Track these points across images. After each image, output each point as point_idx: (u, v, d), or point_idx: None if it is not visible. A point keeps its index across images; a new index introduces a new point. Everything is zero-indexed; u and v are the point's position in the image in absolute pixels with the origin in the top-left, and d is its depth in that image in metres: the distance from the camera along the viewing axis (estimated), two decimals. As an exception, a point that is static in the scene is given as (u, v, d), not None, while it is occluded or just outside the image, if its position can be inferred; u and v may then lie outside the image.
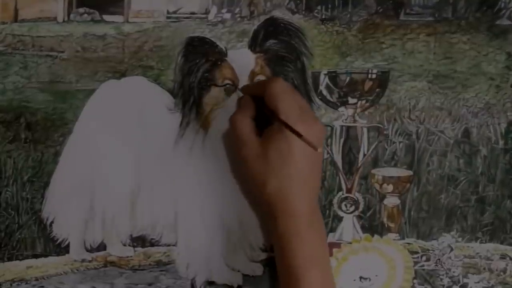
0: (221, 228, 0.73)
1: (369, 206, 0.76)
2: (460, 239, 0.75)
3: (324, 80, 0.74)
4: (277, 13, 0.74)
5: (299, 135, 0.60)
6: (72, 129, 0.74)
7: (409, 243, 0.75)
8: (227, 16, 0.75)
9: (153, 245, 0.75)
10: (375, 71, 0.75)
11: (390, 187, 0.76)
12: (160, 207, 0.73)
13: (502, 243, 0.76)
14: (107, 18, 0.76)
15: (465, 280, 0.75)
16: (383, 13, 0.75)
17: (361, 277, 0.74)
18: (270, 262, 0.74)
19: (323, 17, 0.75)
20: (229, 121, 0.66)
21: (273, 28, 0.72)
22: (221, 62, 0.72)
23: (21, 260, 0.75)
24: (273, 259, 0.65)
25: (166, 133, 0.73)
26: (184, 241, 0.74)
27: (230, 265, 0.75)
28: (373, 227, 0.76)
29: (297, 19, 0.74)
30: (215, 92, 0.72)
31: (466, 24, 0.75)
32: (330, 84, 0.74)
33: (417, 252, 0.75)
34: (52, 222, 0.75)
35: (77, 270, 0.75)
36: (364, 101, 0.75)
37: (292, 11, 0.75)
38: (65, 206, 0.74)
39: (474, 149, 0.76)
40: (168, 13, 0.76)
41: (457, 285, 0.75)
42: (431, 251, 0.75)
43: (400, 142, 0.76)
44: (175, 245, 0.74)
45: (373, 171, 0.76)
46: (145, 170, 0.73)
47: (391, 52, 0.75)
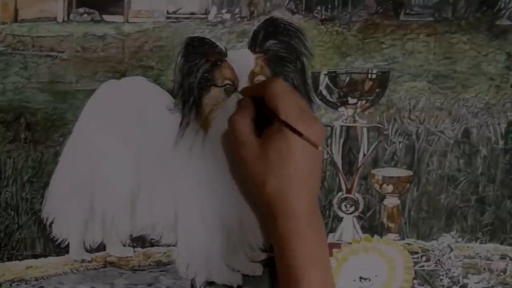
0: (221, 228, 0.73)
1: (369, 206, 0.76)
2: (460, 239, 0.75)
3: (324, 80, 0.74)
4: (277, 14, 0.74)
5: (300, 134, 0.60)
6: (72, 129, 0.74)
7: (409, 244, 0.75)
8: (227, 16, 0.75)
9: (153, 245, 0.75)
10: (375, 71, 0.75)
11: (390, 187, 0.76)
12: (160, 207, 0.73)
13: (502, 243, 0.76)
14: (107, 18, 0.76)
15: (465, 281, 0.75)
16: (383, 13, 0.75)
17: (361, 278, 0.74)
18: (270, 262, 0.74)
19: (323, 17, 0.75)
20: (228, 122, 0.65)
21: (273, 29, 0.72)
22: (221, 62, 0.72)
23: (20, 260, 0.75)
24: (273, 259, 0.65)
25: (166, 133, 0.73)
26: (184, 241, 0.74)
27: (230, 265, 0.74)
28: (373, 227, 0.76)
29: (297, 20, 0.74)
30: (215, 93, 0.72)
31: (466, 24, 0.75)
32: (330, 84, 0.74)
33: (417, 253, 0.75)
34: (52, 222, 0.75)
35: (76, 270, 0.75)
36: (364, 101, 0.75)
37: (292, 11, 0.75)
38: (65, 206, 0.74)
39: (474, 149, 0.75)
40: (168, 13, 0.76)
41: (457, 285, 0.75)
42: (431, 252, 0.75)
43: (400, 142, 0.76)
44: (175, 245, 0.74)
45: (373, 171, 0.76)
46: (145, 170, 0.73)
47: (391, 52, 0.75)
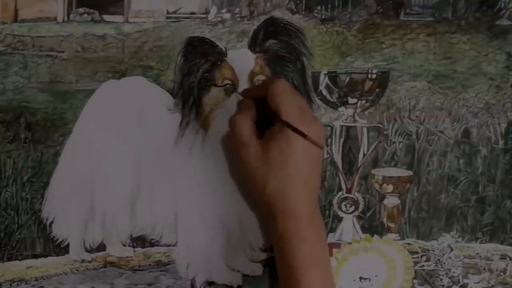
0: (221, 228, 0.73)
1: (369, 206, 0.76)
2: (460, 239, 0.75)
3: (324, 80, 0.74)
4: (277, 13, 0.74)
5: (303, 134, 0.60)
6: (72, 129, 0.74)
7: (409, 243, 0.75)
8: (227, 16, 0.75)
9: (153, 245, 0.75)
10: (375, 71, 0.75)
11: (390, 187, 0.76)
12: (160, 207, 0.73)
13: (502, 243, 0.76)
14: (107, 18, 0.76)
15: (465, 281, 0.75)
16: (383, 13, 0.75)
17: (361, 277, 0.74)
18: (270, 262, 0.74)
19: (323, 17, 0.75)
20: (229, 122, 0.65)
21: (273, 28, 0.72)
22: (221, 62, 0.72)
23: (20, 260, 0.75)
24: (273, 259, 0.65)
25: (166, 133, 0.73)
26: (184, 241, 0.74)
27: (230, 265, 0.74)
28: (373, 227, 0.76)
29: (297, 19, 0.74)
30: (215, 92, 0.72)
31: (466, 24, 0.75)
32: (330, 84, 0.74)
33: (417, 252, 0.75)
34: (51, 222, 0.75)
35: (76, 270, 0.75)
36: (364, 101, 0.75)
37: (292, 11, 0.75)
38: (65, 206, 0.74)
39: (474, 149, 0.75)
40: (168, 13, 0.76)
41: (457, 285, 0.75)
42: (431, 251, 0.75)
43: (400, 142, 0.76)
44: (175, 245, 0.74)
45: (373, 171, 0.76)
46: (145, 170, 0.73)
47: (391, 52, 0.75)
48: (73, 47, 0.75)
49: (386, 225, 0.76)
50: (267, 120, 0.64)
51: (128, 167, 0.73)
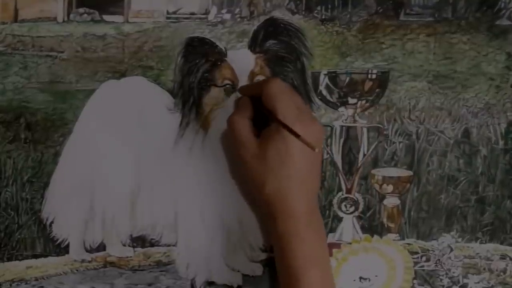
0: (221, 228, 0.73)
1: (369, 206, 0.76)
2: (460, 239, 0.75)
3: (324, 80, 0.74)
4: (277, 14, 0.74)
5: (297, 135, 0.60)
6: (72, 129, 0.74)
7: (409, 244, 0.75)
8: (227, 16, 0.75)
9: (153, 245, 0.75)
10: (375, 71, 0.75)
11: (390, 187, 0.76)
12: (160, 207, 0.73)
13: (502, 243, 0.76)
14: (107, 18, 0.76)
15: (465, 281, 0.75)
16: (383, 13, 0.75)
17: (361, 278, 0.74)
18: (270, 262, 0.74)
19: (323, 17, 0.75)
20: (227, 122, 0.65)
21: (273, 29, 0.72)
22: (221, 62, 0.72)
23: (20, 260, 0.75)
24: (273, 259, 0.65)
25: (166, 133, 0.73)
26: (184, 241, 0.74)
27: (230, 265, 0.74)
28: (373, 227, 0.76)
29: (297, 20, 0.74)
30: (215, 93, 0.72)
31: (466, 24, 0.75)
32: (330, 84, 0.74)
33: (417, 253, 0.75)
34: (52, 222, 0.75)
35: (76, 270, 0.75)
36: (364, 101, 0.75)
37: (292, 11, 0.75)
38: (65, 206, 0.74)
39: (474, 149, 0.75)
40: (168, 13, 0.76)
41: (457, 285, 0.75)
42: (431, 252, 0.75)
43: (400, 142, 0.76)
44: (175, 245, 0.74)
45: (373, 171, 0.76)
46: (145, 170, 0.73)
47: (391, 52, 0.75)
48: (73, 47, 0.75)
49: (386, 225, 0.76)
50: (264, 118, 0.64)
51: (128, 167, 0.73)
